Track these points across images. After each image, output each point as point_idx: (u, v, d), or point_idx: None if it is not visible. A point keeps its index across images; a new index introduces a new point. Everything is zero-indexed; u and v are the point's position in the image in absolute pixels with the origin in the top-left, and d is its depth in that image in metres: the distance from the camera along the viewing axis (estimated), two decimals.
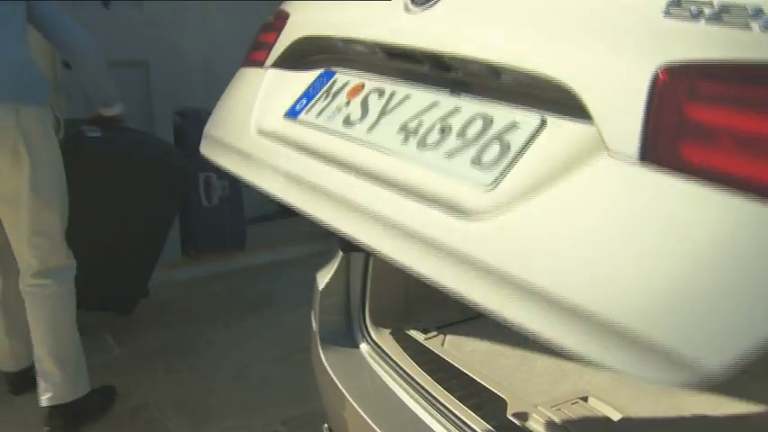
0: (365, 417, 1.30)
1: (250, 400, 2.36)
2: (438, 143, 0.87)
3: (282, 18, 1.27)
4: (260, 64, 1.29)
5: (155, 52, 3.01)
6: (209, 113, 3.49)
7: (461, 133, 0.85)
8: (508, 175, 0.75)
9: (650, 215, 0.60)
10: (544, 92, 0.77)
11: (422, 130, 0.90)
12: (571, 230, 0.66)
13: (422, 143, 0.89)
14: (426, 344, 1.46)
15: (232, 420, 2.25)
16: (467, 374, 1.33)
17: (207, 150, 1.29)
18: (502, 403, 1.23)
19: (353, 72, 1.12)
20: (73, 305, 2.20)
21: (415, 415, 1.27)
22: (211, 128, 1.31)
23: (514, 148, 0.77)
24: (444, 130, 0.88)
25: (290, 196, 1.02)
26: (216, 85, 3.89)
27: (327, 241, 1.69)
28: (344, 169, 0.95)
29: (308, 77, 1.19)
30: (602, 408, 1.22)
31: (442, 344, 1.47)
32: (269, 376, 2.49)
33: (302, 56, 1.22)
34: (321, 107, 1.11)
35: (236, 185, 3.48)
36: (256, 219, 3.78)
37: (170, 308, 3.02)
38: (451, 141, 0.85)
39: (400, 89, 1.00)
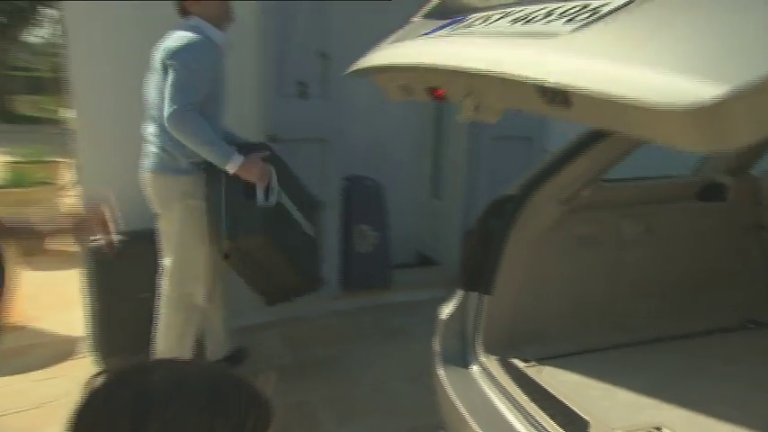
0: (473, 425, 1.37)
1: (385, 407, 2.47)
2: (540, 19, 0.95)
3: None
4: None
5: (332, 133, 3.35)
6: (370, 179, 3.73)
7: (562, 12, 0.93)
8: (593, 23, 0.83)
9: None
10: None
11: (529, 17, 0.98)
12: (638, 27, 0.77)
13: (526, 21, 0.97)
14: (525, 371, 1.50)
15: (370, 421, 2.37)
16: (558, 398, 1.35)
17: (351, 68, 1.40)
18: (585, 425, 1.24)
19: (485, 11, 1.19)
20: (161, 329, 2.37)
21: (514, 427, 1.33)
22: (355, 63, 1.43)
23: (602, 12, 0.85)
24: (548, 14, 0.95)
25: (418, 59, 1.14)
26: (376, 158, 4.19)
27: (456, 287, 1.78)
28: (466, 36, 1.06)
29: (445, 21, 1.27)
30: None
31: (539, 372, 1.50)
32: (401, 391, 2.59)
33: (444, 12, 1.31)
34: (450, 28, 1.20)
35: (385, 236, 3.67)
36: (400, 265, 3.97)
37: (329, 330, 3.25)
38: (552, 17, 0.93)
39: (522, 7, 1.07)
